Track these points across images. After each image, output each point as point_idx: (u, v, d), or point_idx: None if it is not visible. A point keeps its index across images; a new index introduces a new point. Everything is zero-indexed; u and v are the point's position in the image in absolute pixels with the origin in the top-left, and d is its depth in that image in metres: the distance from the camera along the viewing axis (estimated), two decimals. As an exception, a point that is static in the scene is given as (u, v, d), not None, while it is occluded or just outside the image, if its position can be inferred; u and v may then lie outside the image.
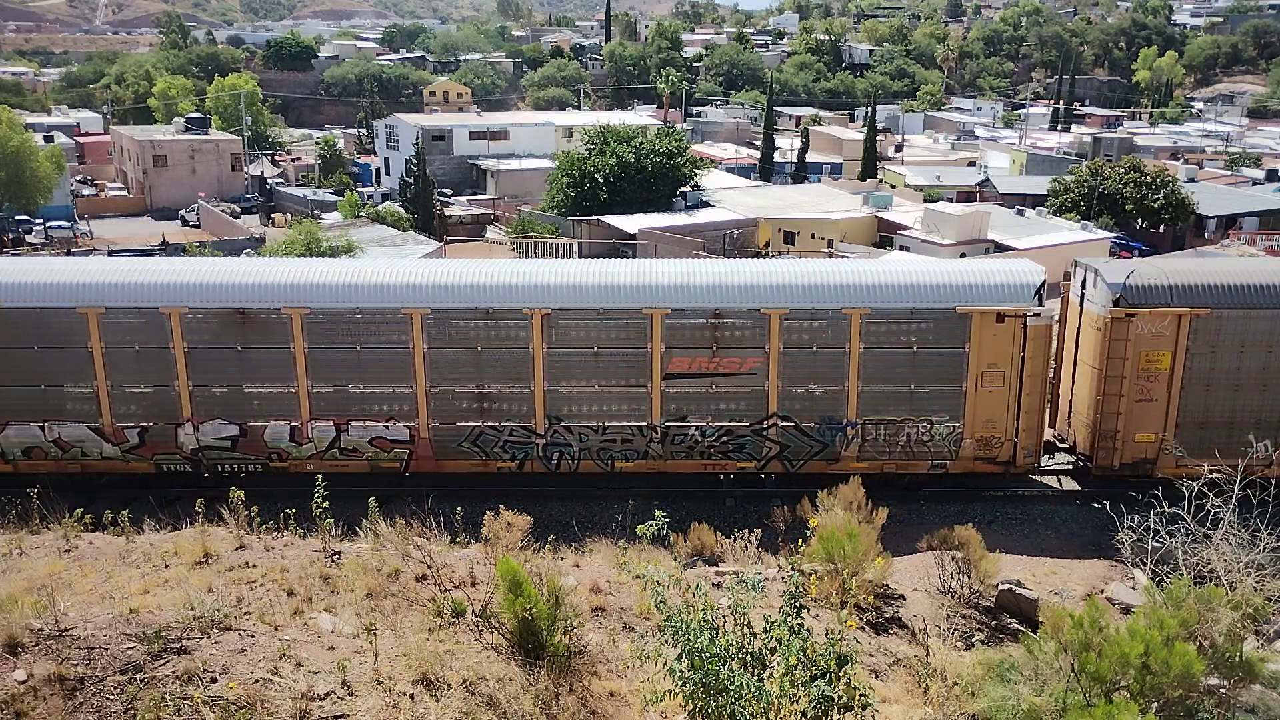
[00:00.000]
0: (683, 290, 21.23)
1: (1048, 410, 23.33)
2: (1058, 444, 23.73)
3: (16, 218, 69.79)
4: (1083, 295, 22.49)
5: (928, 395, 21.37)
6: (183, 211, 78.71)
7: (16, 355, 21.12)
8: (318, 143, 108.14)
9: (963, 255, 49.86)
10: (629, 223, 61.77)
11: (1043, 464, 23.06)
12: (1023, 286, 21.23)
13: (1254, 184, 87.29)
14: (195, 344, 21.14)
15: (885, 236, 62.11)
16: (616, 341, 21.24)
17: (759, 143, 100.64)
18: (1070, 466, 23.34)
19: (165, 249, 59.39)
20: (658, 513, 11.04)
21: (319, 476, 14.34)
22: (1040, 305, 21.14)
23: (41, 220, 70.46)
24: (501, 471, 21.87)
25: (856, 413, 21.46)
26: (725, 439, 21.66)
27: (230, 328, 21.09)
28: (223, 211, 74.10)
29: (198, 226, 73.95)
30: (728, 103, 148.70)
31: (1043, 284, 21.30)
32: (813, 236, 62.35)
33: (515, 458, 21.84)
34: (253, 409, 21.52)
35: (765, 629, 9.56)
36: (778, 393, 21.40)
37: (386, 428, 21.67)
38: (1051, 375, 22.92)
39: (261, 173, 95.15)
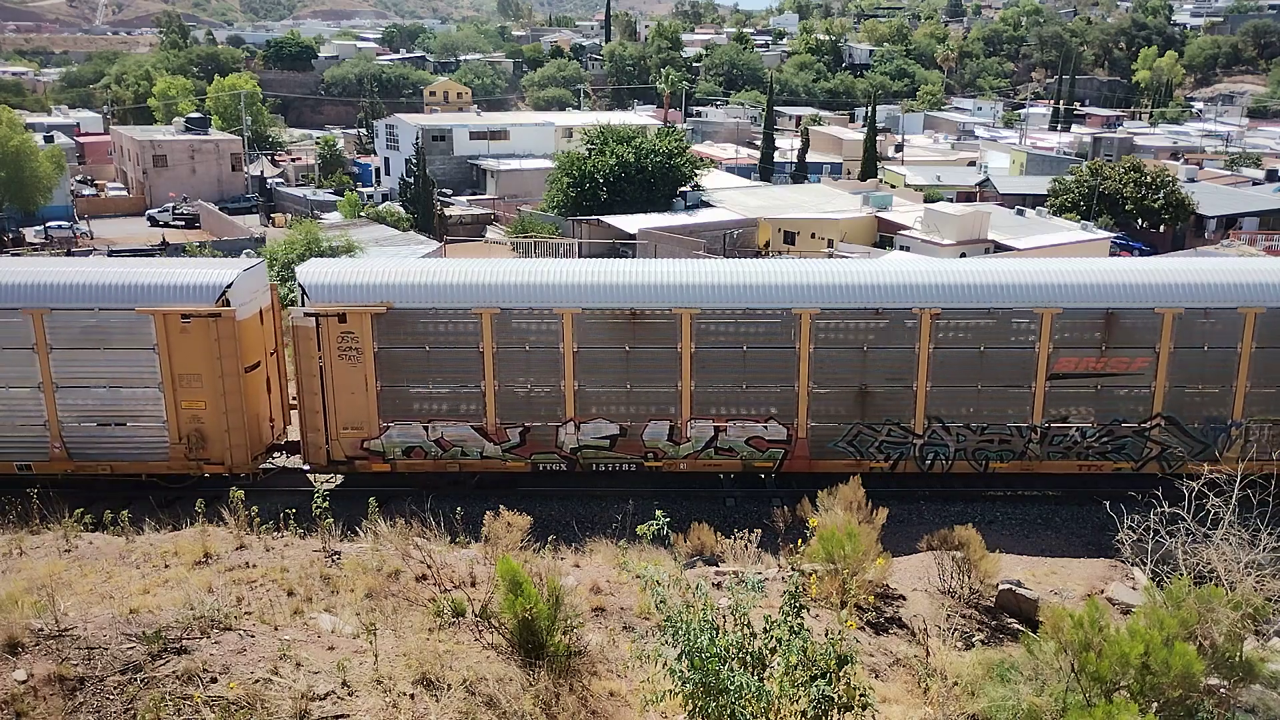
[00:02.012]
0: (1075, 289, 21.17)
1: None
2: None
3: (45, 222, 69.47)
4: None
5: None
6: (152, 211, 78.03)
7: (407, 356, 21.12)
8: (318, 143, 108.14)
9: (963, 255, 49.85)
10: (629, 223, 61.78)
11: None
12: None
13: (1254, 184, 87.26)
14: (584, 344, 21.14)
15: (885, 236, 62.10)
16: (1003, 341, 21.25)
17: (759, 143, 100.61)
18: None
19: (165, 249, 59.38)
20: (658, 513, 11.04)
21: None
22: None
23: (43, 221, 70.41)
24: (872, 471, 21.76)
25: (1242, 413, 21.44)
26: (1105, 440, 21.65)
27: (620, 328, 21.09)
28: (219, 210, 74.12)
29: (180, 226, 73.60)
30: (728, 103, 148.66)
31: None
32: (813, 236, 62.35)
33: (890, 458, 21.84)
34: (634, 409, 21.55)
35: (765, 629, 9.56)
36: (1164, 393, 21.34)
37: (765, 427, 21.66)
38: None
39: (261, 173, 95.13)
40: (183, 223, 75.43)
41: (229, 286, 20.87)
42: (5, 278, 20.96)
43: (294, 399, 22.54)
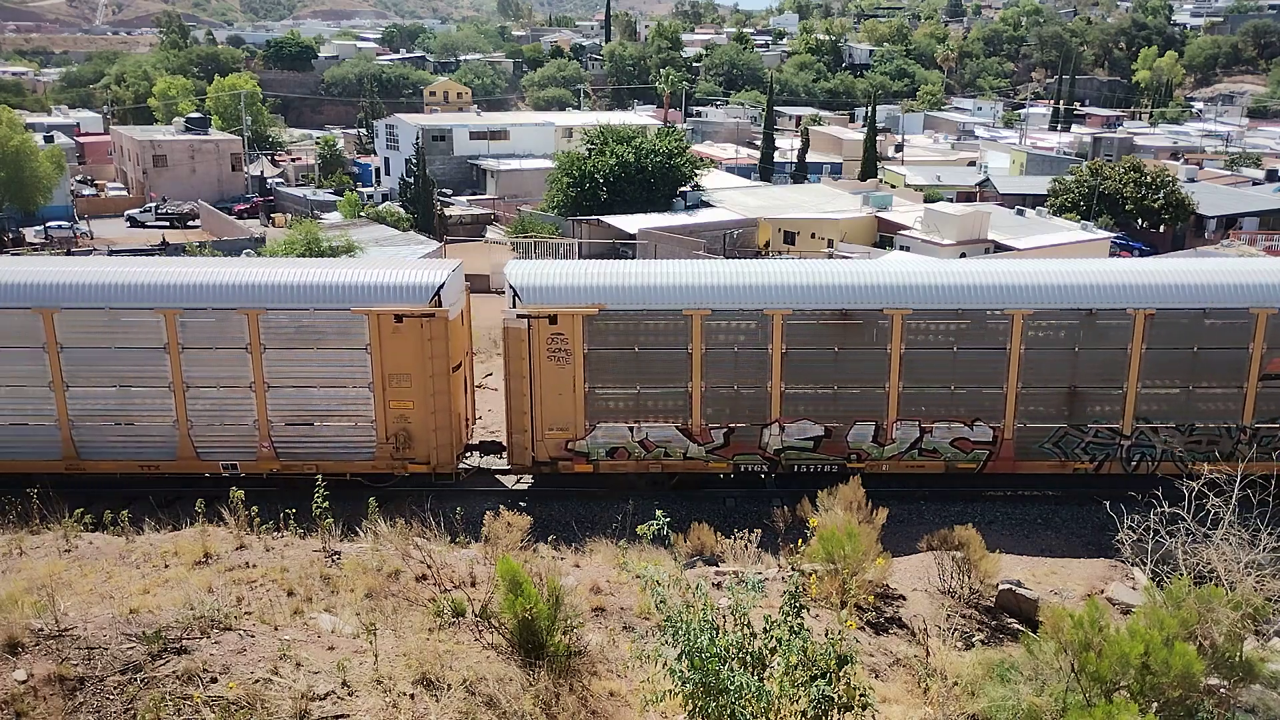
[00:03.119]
0: None
1: None
2: None
3: (45, 222, 69.36)
4: None
5: None
6: (132, 212, 77.55)
7: (616, 357, 21.17)
8: (318, 143, 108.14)
9: (963, 255, 49.84)
10: (629, 223, 61.79)
11: None
12: None
13: (1254, 184, 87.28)
14: (793, 345, 21.13)
15: (885, 236, 62.11)
16: (1215, 341, 21.15)
17: (759, 143, 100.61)
18: None
19: (165, 249, 59.39)
20: (658, 513, 11.03)
21: (319, 477, 14.34)
22: None
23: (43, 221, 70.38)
24: (1075, 473, 21.78)
25: None
26: None
27: (830, 329, 21.09)
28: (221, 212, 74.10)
29: (163, 226, 73.33)
30: (728, 103, 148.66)
31: None
32: (813, 236, 62.37)
33: (1095, 459, 21.76)
34: (840, 410, 21.52)
35: (765, 629, 9.56)
36: None
37: (970, 429, 21.63)
38: None
39: (261, 173, 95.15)
40: (166, 223, 75.14)
41: (441, 287, 20.92)
42: (223, 277, 21.03)
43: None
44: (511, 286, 21.19)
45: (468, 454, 23.08)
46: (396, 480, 21.61)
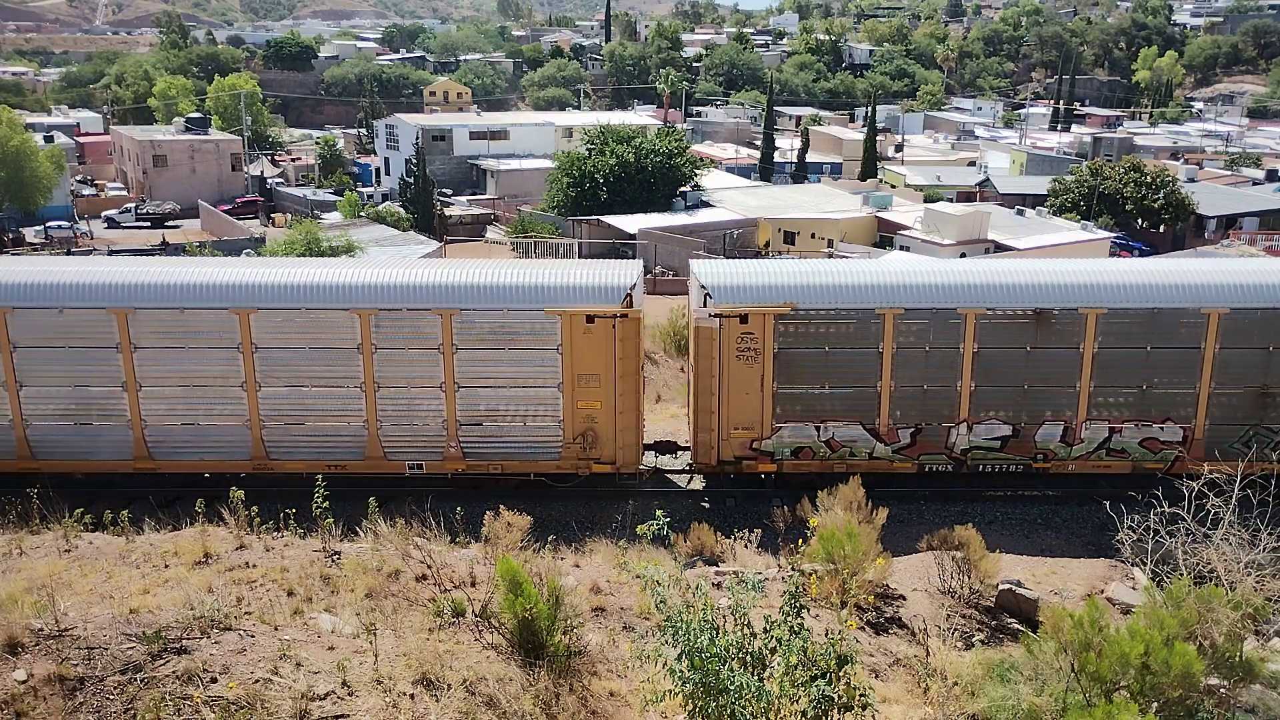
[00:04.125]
0: None
1: None
2: None
3: (46, 221, 69.22)
4: None
5: None
6: (110, 213, 76.81)
7: (805, 357, 21.17)
8: (318, 143, 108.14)
9: (963, 255, 49.84)
10: (629, 223, 61.78)
11: None
12: None
13: (1254, 184, 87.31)
14: (985, 344, 21.12)
15: (885, 236, 62.12)
16: None
17: (759, 143, 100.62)
18: None
19: (165, 249, 59.39)
20: (658, 513, 11.04)
21: (319, 477, 14.35)
22: None
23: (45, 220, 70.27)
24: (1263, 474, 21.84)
25: None
26: None
27: (1023, 328, 21.04)
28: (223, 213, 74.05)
29: (145, 227, 72.89)
30: (728, 103, 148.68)
31: None
32: (813, 236, 62.37)
33: None
34: (1029, 410, 21.48)
35: (765, 629, 9.56)
36: None
37: (1160, 429, 21.57)
38: None
39: (261, 173, 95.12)
40: (146, 223, 74.87)
41: (633, 288, 20.96)
42: (417, 278, 21.13)
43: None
44: (702, 286, 21.22)
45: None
46: (579, 480, 21.60)
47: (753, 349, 20.96)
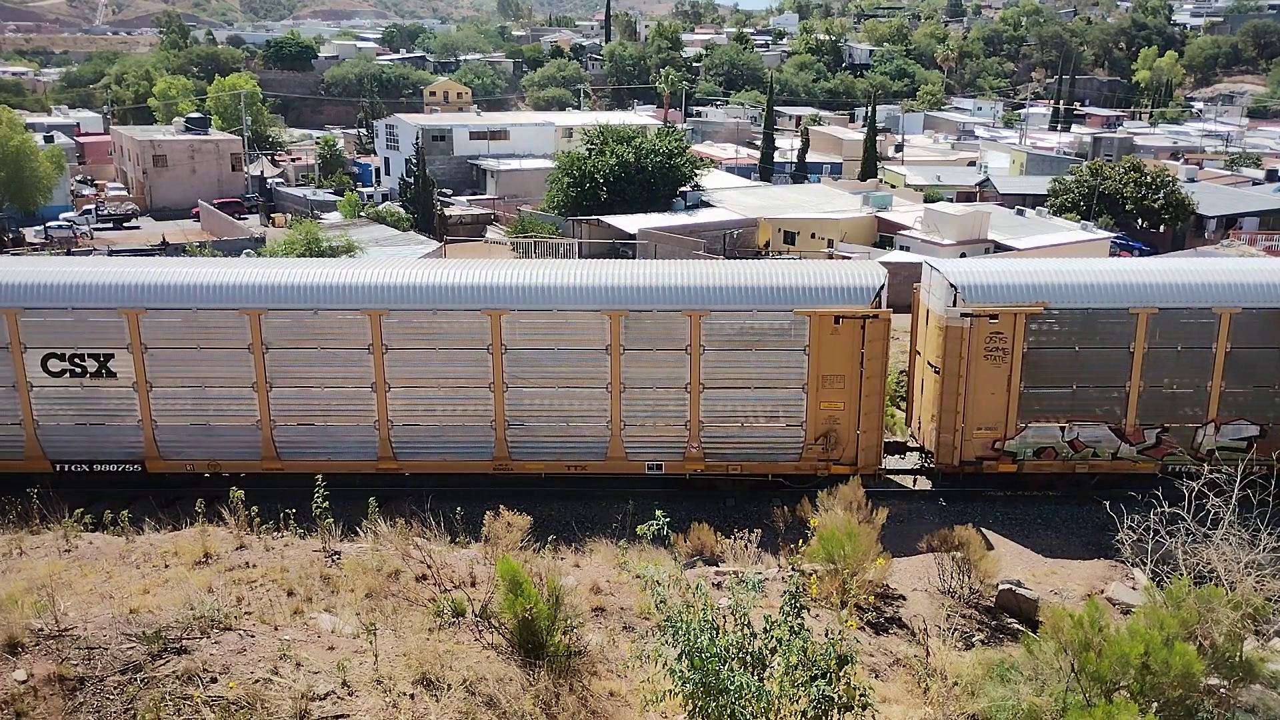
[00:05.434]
0: None
1: None
2: None
3: (48, 221, 68.90)
4: None
5: None
6: (69, 215, 74.09)
7: (1054, 356, 21.17)
8: (318, 143, 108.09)
9: (963, 255, 49.83)
10: (629, 223, 61.74)
11: None
12: None
13: (1254, 184, 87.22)
14: (1238, 343, 21.07)
15: (885, 236, 62.07)
16: None
17: (759, 143, 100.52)
18: None
19: (165, 249, 59.36)
20: (658, 513, 11.03)
21: (318, 477, 14.35)
22: None
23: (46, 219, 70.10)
24: None
25: None
26: None
27: (1278, 327, 20.96)
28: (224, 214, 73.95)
29: (108, 228, 72.21)
30: (728, 103, 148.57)
31: None
32: (813, 236, 62.32)
33: None
34: (1278, 410, 21.36)
35: (765, 629, 9.56)
36: None
37: None
38: None
39: (261, 173, 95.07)
40: (110, 224, 74.40)
41: (881, 289, 20.98)
42: (668, 280, 21.22)
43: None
44: (952, 285, 21.18)
45: None
46: (817, 481, 21.53)
47: (1001, 348, 21.02)
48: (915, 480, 23.07)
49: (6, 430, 21.58)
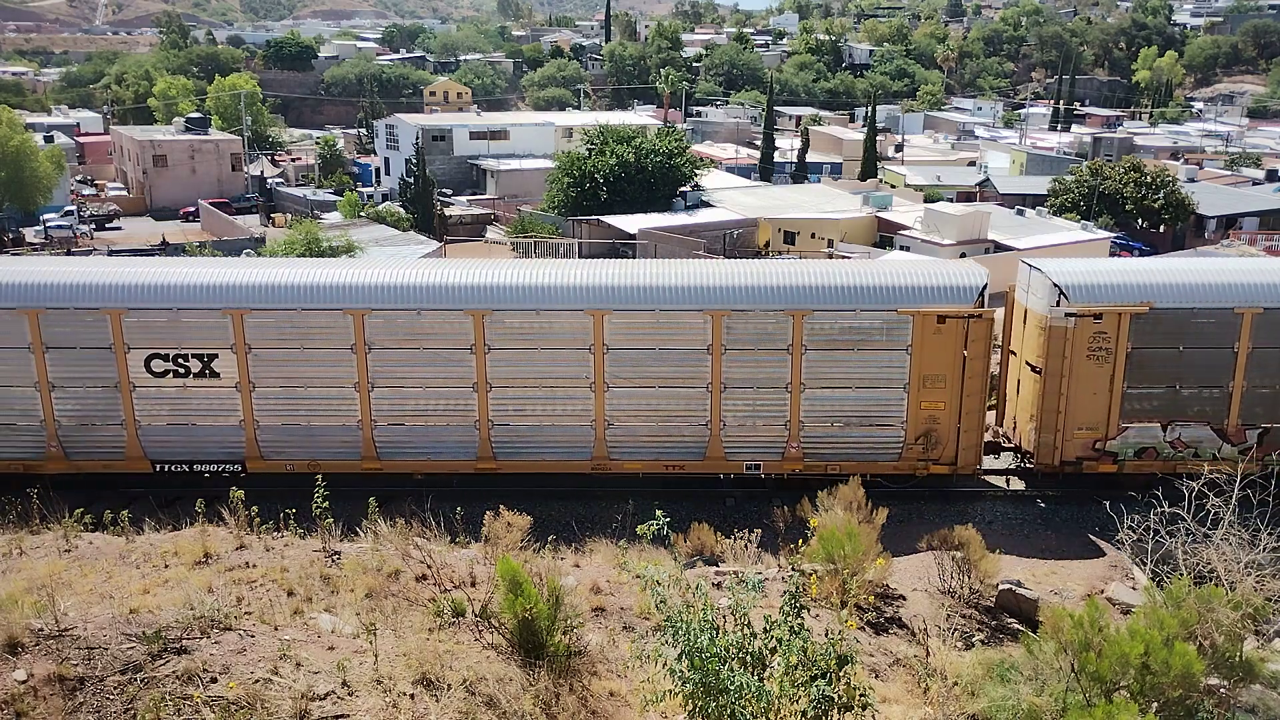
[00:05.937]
0: None
1: None
2: None
3: (48, 220, 68.75)
4: None
5: None
6: (49, 217, 71.81)
7: (1158, 356, 21.18)
8: (318, 143, 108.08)
9: (963, 255, 49.83)
10: (629, 223, 61.74)
11: None
12: None
13: (1254, 184, 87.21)
14: None
15: (885, 236, 62.06)
16: None
17: (759, 143, 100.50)
18: None
19: (165, 249, 59.37)
20: (658, 513, 11.03)
21: (318, 477, 14.34)
22: None
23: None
24: None
25: None
26: None
27: None
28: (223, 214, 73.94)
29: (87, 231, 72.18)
30: (728, 103, 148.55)
31: None
32: (813, 236, 62.31)
33: None
34: None
35: (765, 629, 9.56)
36: None
37: None
38: None
39: (261, 173, 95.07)
40: (93, 224, 74.20)
41: (984, 288, 20.97)
42: (770, 280, 21.23)
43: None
44: (1056, 285, 21.16)
45: None
46: (915, 481, 21.59)
47: (1104, 348, 21.04)
48: (1008, 480, 23.01)
49: (110, 431, 21.59)
